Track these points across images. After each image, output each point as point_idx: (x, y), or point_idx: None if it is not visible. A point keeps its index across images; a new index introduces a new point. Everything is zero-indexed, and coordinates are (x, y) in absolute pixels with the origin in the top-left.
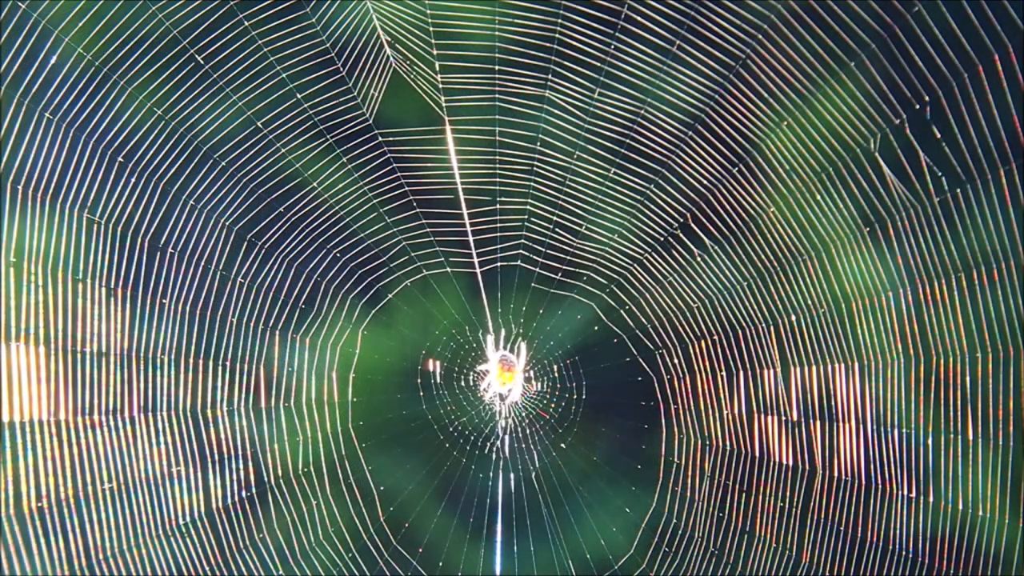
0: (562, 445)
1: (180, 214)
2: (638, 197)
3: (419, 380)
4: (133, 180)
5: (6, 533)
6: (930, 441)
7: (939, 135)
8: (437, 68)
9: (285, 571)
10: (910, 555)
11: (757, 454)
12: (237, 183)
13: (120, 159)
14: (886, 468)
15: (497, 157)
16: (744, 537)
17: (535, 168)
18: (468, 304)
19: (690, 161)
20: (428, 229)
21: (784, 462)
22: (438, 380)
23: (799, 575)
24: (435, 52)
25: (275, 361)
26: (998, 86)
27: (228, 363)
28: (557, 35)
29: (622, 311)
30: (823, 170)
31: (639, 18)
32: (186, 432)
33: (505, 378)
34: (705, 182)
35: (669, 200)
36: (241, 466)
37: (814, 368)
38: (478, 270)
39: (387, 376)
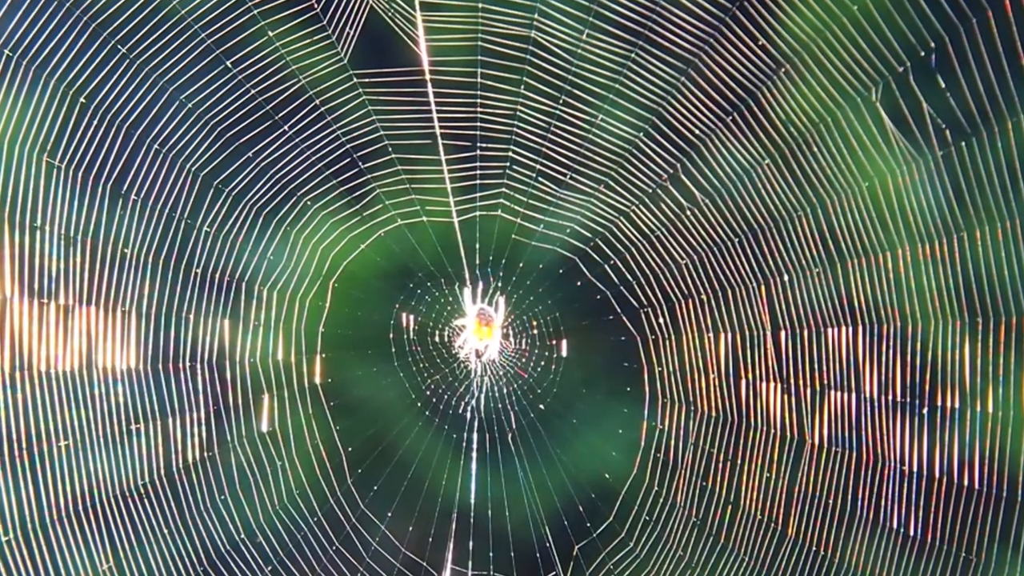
0: (540, 407)
1: (144, 159)
2: (626, 146)
3: (391, 335)
4: (95, 122)
5: None
6: (925, 411)
7: (944, 84)
8: (417, 5)
9: (247, 535)
10: (902, 530)
11: (744, 421)
12: (204, 126)
13: (82, 100)
14: (879, 439)
15: (479, 101)
16: (728, 508)
17: (518, 113)
18: (445, 255)
19: (681, 109)
20: (404, 176)
21: (772, 430)
22: (411, 335)
23: (784, 548)
24: None
25: (240, 314)
26: (1007, 32)
27: (191, 316)
28: None
29: (606, 266)
30: (821, 121)
31: None
32: (146, 388)
33: (483, 333)
34: (697, 132)
35: (658, 150)
36: (203, 425)
37: (806, 331)
38: (456, 220)
39: (358, 331)
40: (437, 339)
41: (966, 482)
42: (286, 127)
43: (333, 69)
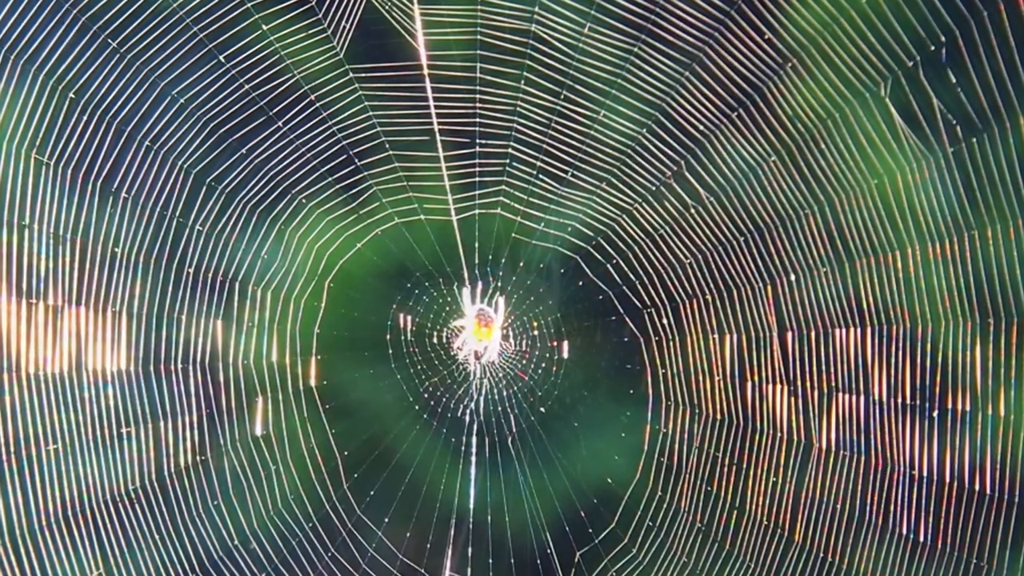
0: (541, 410)
1: (135, 155)
2: (628, 143)
3: (388, 336)
4: (85, 118)
5: None
6: (935, 414)
7: (955, 79)
8: None
9: (241, 541)
10: (911, 536)
11: (750, 424)
12: (196, 122)
13: (71, 95)
14: (888, 442)
15: (478, 96)
16: (734, 513)
17: (518, 109)
18: (443, 255)
19: (685, 104)
20: (401, 174)
21: (778, 434)
22: (409, 337)
23: (791, 554)
24: None
25: (234, 315)
26: (1019, 25)
27: (183, 317)
28: None
29: (608, 266)
30: (828, 116)
31: None
32: (137, 390)
33: (482, 334)
34: (701, 128)
35: (662, 147)
36: (195, 428)
37: (813, 332)
38: (454, 218)
39: (354, 332)
40: (435, 340)
41: (977, 487)
42: (280, 123)
43: (329, 64)
